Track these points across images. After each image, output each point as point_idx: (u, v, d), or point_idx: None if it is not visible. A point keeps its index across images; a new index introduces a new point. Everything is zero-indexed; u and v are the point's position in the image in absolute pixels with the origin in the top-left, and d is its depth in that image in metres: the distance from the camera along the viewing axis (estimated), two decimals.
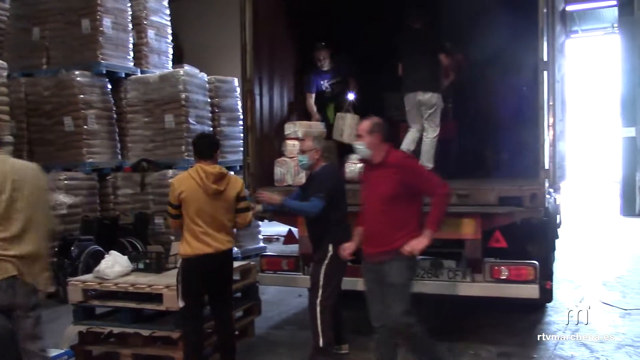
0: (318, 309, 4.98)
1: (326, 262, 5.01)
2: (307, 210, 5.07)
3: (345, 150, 6.76)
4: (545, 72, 5.16)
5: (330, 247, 4.99)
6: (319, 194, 4.96)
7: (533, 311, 6.48)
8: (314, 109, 7.16)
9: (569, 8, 13.24)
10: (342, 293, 5.27)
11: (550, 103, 5.15)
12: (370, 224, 4.39)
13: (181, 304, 4.66)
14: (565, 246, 9.76)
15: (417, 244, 4.18)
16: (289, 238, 6.25)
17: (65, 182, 8.83)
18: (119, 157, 9.80)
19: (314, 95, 7.19)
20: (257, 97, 6.36)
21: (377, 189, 4.31)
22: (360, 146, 4.35)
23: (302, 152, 5.29)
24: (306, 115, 7.10)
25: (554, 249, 7.03)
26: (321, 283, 5.00)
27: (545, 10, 5.18)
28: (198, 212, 4.55)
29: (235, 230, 4.89)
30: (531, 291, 5.29)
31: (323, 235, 5.09)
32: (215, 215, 4.60)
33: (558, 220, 7.61)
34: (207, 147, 4.67)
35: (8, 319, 3.64)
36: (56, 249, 7.66)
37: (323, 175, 5.16)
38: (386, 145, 4.35)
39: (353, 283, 5.67)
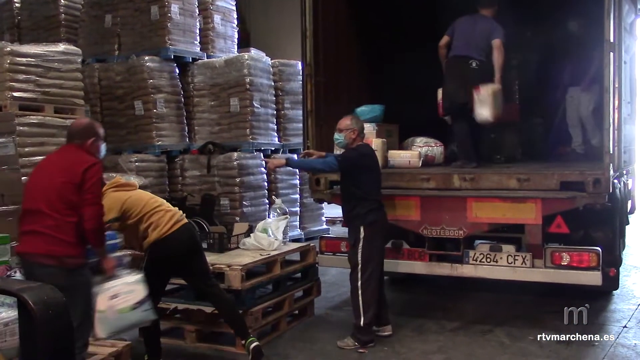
0: (360, 291, 5.06)
1: (360, 244, 5.06)
2: (315, 166, 5.32)
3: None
4: (611, 54, 4.99)
5: (362, 230, 5.05)
6: (338, 157, 5.09)
7: (598, 299, 6.32)
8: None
9: None
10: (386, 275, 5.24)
11: (616, 85, 4.99)
12: None
13: None
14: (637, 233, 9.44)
15: None
16: None
17: (136, 164, 9.15)
18: (187, 139, 10.05)
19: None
20: (318, 82, 6.42)
21: None
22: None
23: (339, 130, 5.26)
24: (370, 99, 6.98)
25: (622, 235, 6.80)
26: (360, 266, 5.06)
27: None
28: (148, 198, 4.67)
29: None
30: (593, 278, 5.20)
31: (353, 217, 5.15)
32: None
33: (630, 206, 7.35)
34: None
35: None
36: None
37: (353, 150, 5.18)
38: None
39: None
